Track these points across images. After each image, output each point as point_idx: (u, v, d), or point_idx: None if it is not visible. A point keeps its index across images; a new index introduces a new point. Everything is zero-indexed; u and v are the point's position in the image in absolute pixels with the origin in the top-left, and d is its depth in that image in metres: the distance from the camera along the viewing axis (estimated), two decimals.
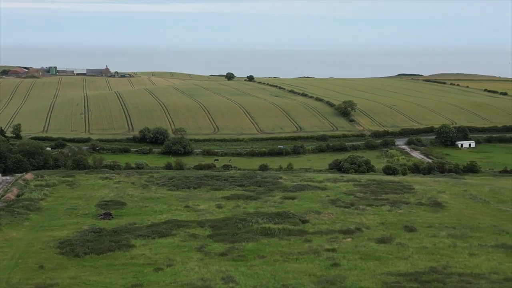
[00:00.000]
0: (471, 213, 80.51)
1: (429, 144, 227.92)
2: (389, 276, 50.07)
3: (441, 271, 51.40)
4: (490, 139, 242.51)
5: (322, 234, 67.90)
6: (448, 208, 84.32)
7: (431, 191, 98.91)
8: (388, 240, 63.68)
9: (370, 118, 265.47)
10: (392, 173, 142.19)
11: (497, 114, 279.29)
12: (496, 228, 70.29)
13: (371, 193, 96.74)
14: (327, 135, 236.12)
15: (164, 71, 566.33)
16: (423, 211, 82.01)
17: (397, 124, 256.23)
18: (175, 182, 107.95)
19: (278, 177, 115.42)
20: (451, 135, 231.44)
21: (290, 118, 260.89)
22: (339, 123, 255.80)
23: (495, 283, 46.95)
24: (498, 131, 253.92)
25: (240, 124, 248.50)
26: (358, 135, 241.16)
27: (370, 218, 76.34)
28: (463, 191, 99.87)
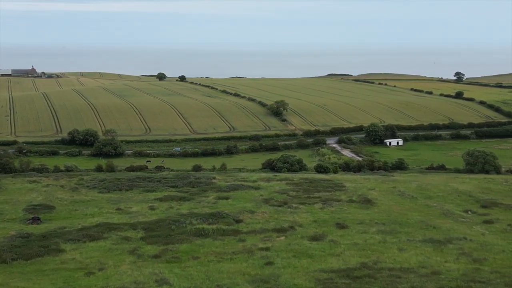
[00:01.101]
0: (400, 209, 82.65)
1: (359, 143, 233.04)
2: (322, 273, 50.73)
3: (372, 266, 52.48)
4: (417, 137, 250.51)
5: (256, 233, 68.09)
6: (378, 204, 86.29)
7: (361, 189, 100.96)
8: (320, 238, 64.54)
9: (302, 118, 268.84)
10: (324, 171, 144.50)
11: (423, 113, 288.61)
12: (423, 223, 72.40)
13: (303, 191, 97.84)
14: (260, 134, 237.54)
15: (93, 72, 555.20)
16: (354, 208, 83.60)
17: (328, 123, 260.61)
18: (106, 185, 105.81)
19: (211, 178, 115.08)
20: (380, 134, 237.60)
21: (223, 118, 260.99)
22: (272, 123, 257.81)
23: (423, 277, 48.33)
24: (424, 129, 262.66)
25: (173, 125, 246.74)
26: (290, 134, 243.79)
27: (303, 216, 77.17)
28: (392, 188, 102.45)
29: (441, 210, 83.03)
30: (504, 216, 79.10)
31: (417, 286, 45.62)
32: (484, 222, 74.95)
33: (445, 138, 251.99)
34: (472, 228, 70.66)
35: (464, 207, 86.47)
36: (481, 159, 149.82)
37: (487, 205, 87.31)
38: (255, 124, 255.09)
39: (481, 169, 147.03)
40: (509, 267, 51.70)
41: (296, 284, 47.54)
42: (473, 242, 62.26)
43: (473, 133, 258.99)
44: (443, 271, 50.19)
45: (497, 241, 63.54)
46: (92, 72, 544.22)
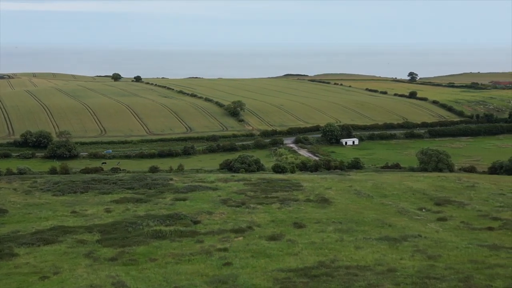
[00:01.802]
0: (356, 208, 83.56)
1: (316, 142, 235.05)
2: (280, 272, 50.84)
3: (329, 265, 52.86)
4: (372, 136, 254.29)
5: (214, 234, 67.84)
6: (335, 203, 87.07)
7: (318, 188, 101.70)
8: (278, 237, 64.72)
9: (259, 118, 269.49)
10: (281, 171, 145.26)
11: (378, 112, 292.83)
12: (379, 221, 73.35)
13: (261, 191, 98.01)
14: (217, 135, 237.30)
15: (46, 72, 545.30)
16: (311, 207, 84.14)
17: (285, 124, 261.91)
18: (60, 187, 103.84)
19: (168, 179, 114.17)
20: (336, 133, 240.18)
21: (180, 119, 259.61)
22: (229, 123, 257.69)
23: (380, 274, 48.93)
24: (379, 129, 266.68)
25: (128, 126, 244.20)
26: (248, 134, 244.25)
27: (261, 216, 77.28)
28: (348, 187, 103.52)
29: (396, 208, 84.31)
30: (457, 214, 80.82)
31: (374, 283, 46.15)
32: (438, 220, 76.43)
33: (400, 137, 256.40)
34: (426, 226, 71.96)
35: (419, 205, 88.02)
36: (434, 158, 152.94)
37: (440, 202, 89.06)
38: (212, 125, 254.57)
39: (435, 167, 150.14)
40: (463, 263, 52.81)
41: (254, 284, 47.53)
42: (427, 239, 63.38)
43: (427, 132, 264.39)
44: (399, 268, 50.93)
45: (451, 238, 64.85)
46: (45, 73, 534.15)
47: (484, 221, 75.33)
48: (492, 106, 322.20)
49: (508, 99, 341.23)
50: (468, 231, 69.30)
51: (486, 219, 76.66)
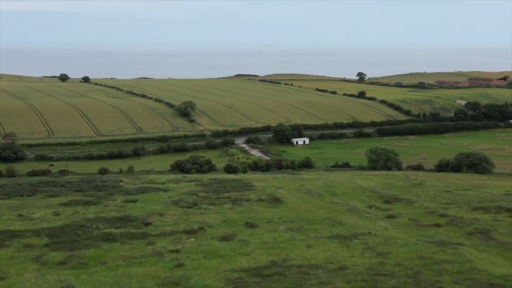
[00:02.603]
0: (307, 207, 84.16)
1: (267, 142, 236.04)
2: (232, 272, 50.75)
3: (281, 264, 53.06)
4: (323, 136, 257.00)
5: (166, 235, 67.20)
6: (286, 203, 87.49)
7: (270, 188, 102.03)
8: (230, 238, 64.60)
9: (210, 118, 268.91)
10: (233, 171, 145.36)
11: (328, 112, 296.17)
12: (330, 220, 74.04)
13: (213, 192, 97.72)
14: (168, 136, 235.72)
15: None
16: (263, 207, 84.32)
17: (236, 124, 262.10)
18: (6, 190, 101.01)
19: (118, 180, 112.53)
20: (287, 133, 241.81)
21: (130, 119, 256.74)
22: (180, 124, 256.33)
23: (331, 272, 49.38)
24: (330, 128, 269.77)
25: (77, 127, 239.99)
26: (199, 135, 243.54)
27: (213, 216, 77.01)
28: (300, 186, 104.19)
29: (347, 206, 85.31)
30: (406, 211, 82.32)
31: (325, 281, 46.55)
32: (387, 217, 77.66)
33: (349, 137, 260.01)
34: (376, 223, 73.00)
35: (368, 203, 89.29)
36: (383, 156, 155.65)
37: (389, 200, 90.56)
38: (163, 125, 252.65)
39: (384, 166, 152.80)
40: (411, 260, 53.82)
41: (207, 285, 47.31)
42: (377, 236, 64.32)
43: (376, 131, 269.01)
44: (350, 266, 51.53)
45: (400, 235, 65.99)
46: None
47: (432, 218, 76.97)
48: (438, 105, 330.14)
49: (453, 98, 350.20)
50: (416, 228, 70.66)
51: (434, 216, 78.34)
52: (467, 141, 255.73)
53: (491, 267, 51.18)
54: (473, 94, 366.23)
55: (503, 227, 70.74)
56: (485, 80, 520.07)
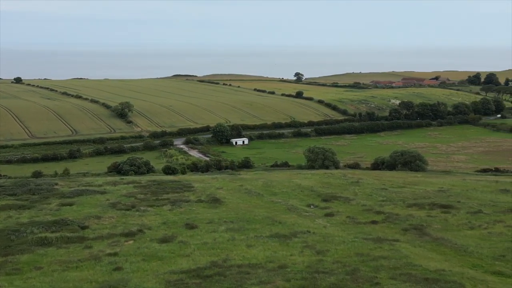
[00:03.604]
0: (247, 207, 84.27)
1: (206, 143, 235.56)
2: (172, 274, 50.26)
3: (221, 264, 52.92)
4: (262, 136, 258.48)
5: (103, 238, 65.87)
6: (226, 203, 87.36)
7: (210, 188, 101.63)
8: (170, 239, 63.96)
9: (148, 119, 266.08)
10: (172, 172, 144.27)
11: (266, 112, 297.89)
12: (270, 219, 74.35)
13: (151, 193, 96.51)
14: (104, 137, 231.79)
15: None
16: (203, 208, 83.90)
17: (174, 124, 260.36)
18: None
19: (53, 184, 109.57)
20: (226, 133, 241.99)
21: (64, 121, 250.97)
22: (117, 125, 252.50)
23: (271, 271, 49.59)
24: (268, 128, 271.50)
25: (9, 130, 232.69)
26: (137, 136, 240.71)
27: (152, 218, 76.06)
28: (239, 186, 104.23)
29: (286, 205, 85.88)
30: (343, 209, 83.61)
31: (265, 280, 46.71)
32: (326, 215, 78.66)
33: (288, 136, 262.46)
34: (314, 222, 73.79)
35: (307, 201, 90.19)
36: (321, 155, 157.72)
37: (327, 198, 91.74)
38: (99, 127, 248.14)
39: (321, 164, 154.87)
40: (349, 257, 54.67)
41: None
42: (316, 234, 65.01)
43: (313, 130, 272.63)
44: (289, 264, 51.87)
45: (338, 232, 66.94)
46: None
47: (369, 215, 78.42)
48: (374, 105, 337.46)
49: (388, 98, 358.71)
50: (354, 226, 71.86)
51: (370, 213, 79.85)
52: (401, 140, 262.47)
53: (426, 262, 52.59)
54: (406, 94, 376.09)
55: (437, 223, 72.87)
56: (418, 80, 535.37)
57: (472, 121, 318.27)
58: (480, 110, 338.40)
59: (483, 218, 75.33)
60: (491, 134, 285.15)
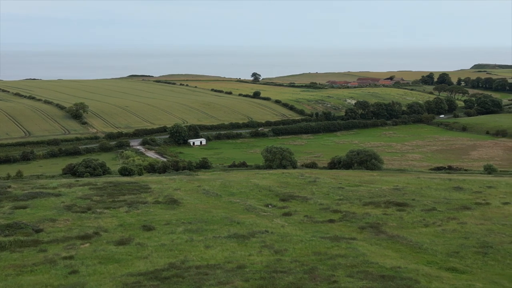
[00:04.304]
0: (205, 207, 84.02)
1: (163, 144, 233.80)
2: (129, 277, 49.72)
3: (179, 266, 52.61)
4: (219, 136, 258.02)
5: (59, 242, 64.70)
6: (184, 204, 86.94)
7: (167, 189, 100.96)
8: (127, 242, 63.26)
9: (104, 120, 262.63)
10: (129, 174, 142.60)
11: (224, 112, 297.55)
12: (228, 219, 74.30)
13: (108, 195, 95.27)
14: (59, 139, 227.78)
15: None
16: (160, 209, 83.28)
17: (131, 125, 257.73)
18: None
19: (6, 186, 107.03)
20: (184, 134, 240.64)
21: (17, 122, 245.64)
22: (72, 126, 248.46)
23: (230, 272, 49.57)
24: (226, 128, 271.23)
25: None
26: (92, 137, 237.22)
27: (108, 221, 75.08)
28: (197, 187, 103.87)
29: (244, 205, 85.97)
30: (301, 208, 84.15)
31: (224, 281, 46.65)
32: (284, 215, 79.03)
33: (246, 136, 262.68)
34: (273, 221, 74.05)
35: (265, 201, 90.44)
36: (278, 155, 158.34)
37: (285, 198, 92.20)
38: (54, 128, 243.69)
39: (279, 164, 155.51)
40: (307, 256, 55.05)
41: None
42: (274, 234, 65.25)
43: (271, 130, 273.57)
44: (248, 265, 51.93)
45: (296, 231, 67.32)
46: None
47: (326, 214, 79.14)
48: (330, 105, 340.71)
49: (344, 98, 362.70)
50: (311, 224, 72.40)
51: (327, 212, 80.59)
52: (357, 139, 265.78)
53: (382, 260, 53.38)
54: (362, 94, 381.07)
55: (392, 220, 74.06)
56: (373, 79, 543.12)
57: (426, 120, 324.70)
58: (434, 109, 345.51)
59: (437, 215, 76.92)
60: (444, 132, 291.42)
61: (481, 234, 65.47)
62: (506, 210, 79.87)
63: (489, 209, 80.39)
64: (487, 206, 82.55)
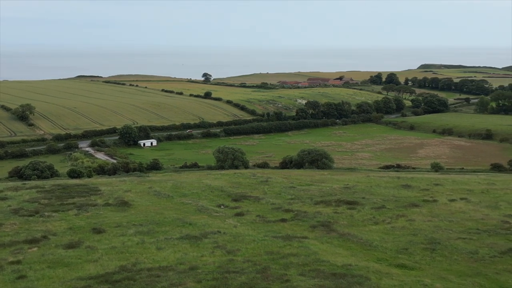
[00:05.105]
0: (156, 209, 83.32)
1: (113, 145, 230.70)
2: (79, 281, 48.86)
3: (131, 268, 52.01)
4: (170, 137, 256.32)
5: (5, 246, 63.06)
6: (135, 206, 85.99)
7: (117, 191, 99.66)
8: (76, 245, 62.14)
9: (51, 122, 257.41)
10: (78, 176, 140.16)
11: (175, 113, 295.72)
12: (180, 220, 73.89)
13: (56, 198, 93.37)
14: (4, 141, 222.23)
15: None
16: (110, 211, 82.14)
17: (79, 127, 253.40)
18: None
19: None
20: (134, 135, 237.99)
21: None
22: (18, 128, 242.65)
23: (182, 273, 49.30)
24: (177, 129, 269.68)
25: None
26: (39, 139, 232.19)
27: (57, 224, 73.59)
28: (148, 188, 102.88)
29: (196, 206, 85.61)
30: (253, 208, 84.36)
31: (176, 283, 46.37)
32: (236, 215, 79.08)
33: (197, 137, 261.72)
34: (225, 222, 74.01)
35: (217, 202, 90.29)
36: (230, 156, 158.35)
37: (237, 198, 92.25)
38: None
39: (231, 164, 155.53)
40: (260, 255, 55.21)
41: None
42: (226, 234, 65.22)
43: (222, 131, 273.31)
44: (200, 266, 51.75)
45: (248, 231, 67.46)
46: None
47: (278, 214, 79.55)
48: (281, 105, 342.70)
49: (294, 98, 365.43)
50: (264, 224, 72.66)
51: (279, 212, 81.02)
52: (308, 139, 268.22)
53: (333, 258, 54.01)
54: (312, 94, 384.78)
55: (343, 219, 75.02)
56: (323, 80, 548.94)
57: (375, 120, 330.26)
58: (382, 109, 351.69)
59: (387, 213, 78.33)
60: (393, 131, 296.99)
61: (429, 230, 67.00)
62: (453, 206, 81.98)
63: (436, 206, 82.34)
64: (435, 203, 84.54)
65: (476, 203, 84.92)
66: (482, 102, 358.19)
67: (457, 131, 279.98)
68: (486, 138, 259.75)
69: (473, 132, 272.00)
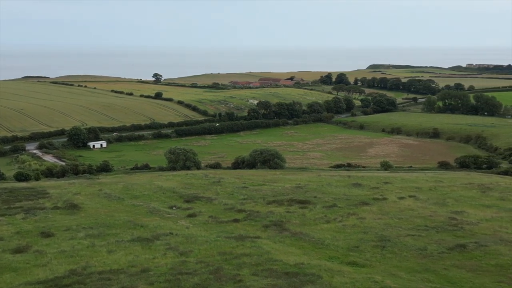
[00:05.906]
0: (107, 211, 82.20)
1: (62, 147, 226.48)
2: (27, 286, 47.76)
3: (81, 272, 51.12)
4: (120, 138, 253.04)
5: None
6: (85, 209, 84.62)
7: (66, 194, 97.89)
8: (24, 249, 60.70)
9: None
10: (25, 179, 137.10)
11: (125, 114, 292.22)
12: (131, 223, 73.08)
13: (3, 202, 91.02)
14: None
15: None
16: (59, 214, 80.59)
17: (26, 129, 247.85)
18: None
19: None
20: (83, 137, 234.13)
21: None
22: None
23: (133, 276, 48.76)
24: (127, 130, 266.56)
25: None
26: None
27: (3, 228, 71.74)
28: (98, 191, 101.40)
29: (148, 208, 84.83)
30: (205, 209, 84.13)
31: (128, 285, 45.82)
32: (188, 216, 78.71)
33: (148, 138, 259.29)
34: (177, 223, 73.58)
35: (169, 203, 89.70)
36: (182, 156, 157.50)
37: (190, 199, 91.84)
38: None
39: (183, 165, 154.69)
40: (212, 256, 55.10)
41: None
42: (179, 236, 64.84)
43: (174, 131, 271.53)
44: (152, 268, 51.30)
45: (201, 232, 67.23)
46: None
47: (230, 214, 79.56)
48: (233, 105, 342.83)
49: (246, 98, 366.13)
50: (216, 225, 72.55)
51: (232, 212, 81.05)
52: (260, 139, 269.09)
53: (286, 257, 54.31)
54: (264, 94, 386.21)
55: (295, 218, 75.55)
56: (274, 80, 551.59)
57: (325, 119, 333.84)
58: (333, 108, 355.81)
59: (338, 211, 79.28)
60: (343, 131, 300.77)
61: (379, 228, 68.12)
62: (402, 204, 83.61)
63: (386, 204, 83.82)
64: (384, 201, 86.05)
65: (424, 200, 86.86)
66: (429, 101, 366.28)
67: (406, 130, 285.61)
68: (433, 137, 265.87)
69: (420, 131, 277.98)
